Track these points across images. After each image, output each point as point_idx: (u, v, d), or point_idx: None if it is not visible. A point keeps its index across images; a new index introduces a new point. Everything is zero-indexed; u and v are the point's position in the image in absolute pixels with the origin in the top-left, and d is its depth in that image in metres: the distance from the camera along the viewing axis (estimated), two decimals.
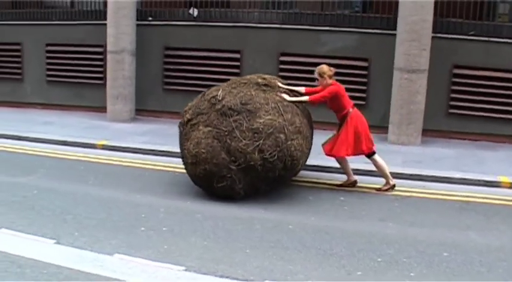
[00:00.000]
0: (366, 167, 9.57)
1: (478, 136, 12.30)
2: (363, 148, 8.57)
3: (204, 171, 7.89)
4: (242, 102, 7.94)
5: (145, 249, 6.12)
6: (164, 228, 6.81)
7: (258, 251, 6.18)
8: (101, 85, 15.06)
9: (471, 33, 12.05)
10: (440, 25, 12.04)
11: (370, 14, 12.95)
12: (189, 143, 8.10)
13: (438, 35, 11.93)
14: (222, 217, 7.31)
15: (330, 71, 8.61)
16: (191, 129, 8.18)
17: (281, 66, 13.19)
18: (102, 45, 14.81)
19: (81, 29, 15.26)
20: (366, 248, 6.34)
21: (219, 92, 8.20)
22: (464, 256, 6.17)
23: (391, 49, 12.01)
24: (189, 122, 8.27)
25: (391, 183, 8.75)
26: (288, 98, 8.34)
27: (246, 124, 7.77)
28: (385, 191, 8.70)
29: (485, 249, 6.41)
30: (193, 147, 7.96)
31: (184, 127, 8.37)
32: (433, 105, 12.14)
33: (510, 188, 9.03)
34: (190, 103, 8.58)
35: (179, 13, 14.34)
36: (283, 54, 13.22)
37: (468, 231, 7.05)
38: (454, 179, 9.32)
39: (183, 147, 8.32)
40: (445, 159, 10.61)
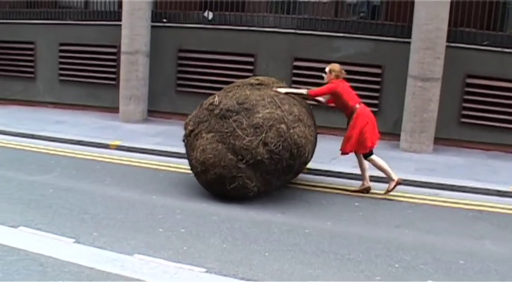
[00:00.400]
0: (379, 173, 9.63)
1: (490, 146, 12.32)
2: (367, 145, 8.78)
3: (214, 175, 7.96)
4: (239, 102, 8.07)
5: (164, 250, 6.17)
6: (182, 230, 6.86)
7: (276, 254, 6.22)
8: (113, 85, 15.13)
9: (485, 43, 12.09)
10: (454, 34, 12.08)
11: (385, 21, 12.98)
12: (195, 152, 8.20)
13: (452, 45, 11.97)
14: (238, 220, 7.37)
15: (340, 72, 8.86)
16: (195, 138, 8.30)
17: (294, 71, 13.24)
18: (115, 46, 14.88)
19: (94, 29, 15.33)
20: (383, 254, 6.40)
21: (216, 98, 8.33)
22: (480, 264, 6.22)
23: (405, 57, 12.06)
24: (191, 132, 8.41)
25: (395, 179, 8.77)
26: (283, 90, 8.55)
27: (246, 122, 7.88)
28: (393, 189, 8.79)
29: (501, 258, 6.46)
30: (200, 154, 8.06)
31: (188, 138, 8.52)
32: (445, 113, 12.18)
33: None
34: (190, 115, 8.73)
35: (194, 16, 14.40)
36: (297, 59, 13.27)
37: (483, 240, 7.09)
38: (467, 187, 9.34)
39: (190, 157, 8.43)
40: (458, 168, 10.63)
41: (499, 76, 12.07)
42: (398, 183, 8.75)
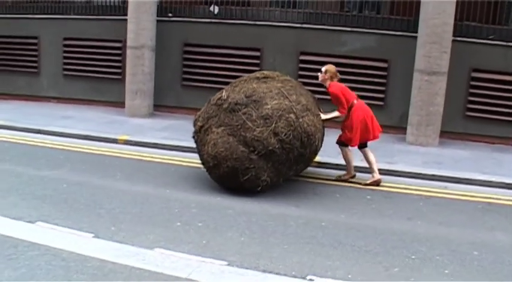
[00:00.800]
0: (389, 167, 9.76)
1: (495, 139, 12.46)
2: (369, 137, 9.04)
3: (227, 168, 8.02)
4: (247, 95, 8.15)
5: (184, 243, 6.22)
6: (199, 224, 6.91)
7: (295, 247, 6.29)
8: (118, 80, 15.17)
9: (490, 37, 12.17)
10: (460, 28, 12.17)
11: (391, 15, 13.04)
12: (206, 147, 8.26)
13: (458, 39, 12.06)
14: (254, 213, 7.43)
15: (335, 74, 8.97)
16: (205, 134, 8.37)
17: (301, 65, 13.32)
18: (120, 41, 14.91)
19: (99, 23, 15.36)
20: (399, 246, 6.47)
21: (223, 93, 8.41)
22: (494, 255, 6.31)
23: (411, 51, 12.14)
24: (201, 128, 8.49)
25: (352, 173, 9.27)
26: (323, 116, 8.73)
27: (255, 113, 7.96)
28: (346, 180, 9.23)
29: None
30: (211, 149, 8.12)
31: (198, 134, 8.59)
32: (451, 107, 12.28)
33: None
34: (199, 112, 8.80)
35: (199, 10, 14.44)
36: (303, 54, 13.33)
37: (494, 231, 7.19)
38: (475, 180, 9.45)
39: (202, 153, 8.49)
40: (464, 161, 10.74)
41: (504, 70, 12.20)
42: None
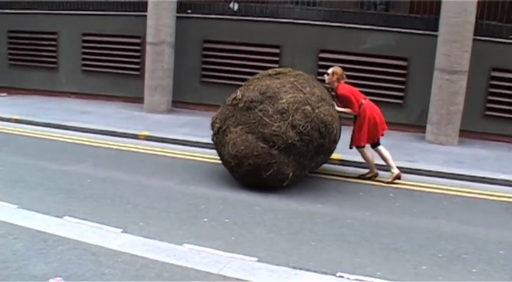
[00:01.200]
0: (411, 165, 9.78)
1: None
2: (378, 135, 9.09)
3: (249, 166, 8.05)
4: (261, 92, 8.23)
5: (213, 240, 6.25)
6: (226, 220, 6.95)
7: (323, 244, 6.33)
8: (137, 76, 15.23)
9: (511, 36, 12.14)
10: (480, 27, 12.13)
11: (411, 14, 13.03)
12: (226, 147, 8.30)
13: (478, 38, 12.02)
14: (280, 210, 7.46)
15: (342, 76, 9.00)
16: (224, 134, 8.42)
17: (320, 63, 13.29)
18: (139, 37, 14.97)
19: (118, 19, 15.43)
20: (426, 244, 6.50)
21: (238, 93, 8.47)
22: None
23: (431, 49, 12.14)
24: (219, 129, 8.54)
25: (375, 172, 9.28)
26: (338, 109, 8.79)
27: (271, 109, 8.02)
28: (369, 178, 9.29)
29: None
30: (232, 148, 8.16)
31: (217, 136, 8.63)
32: (470, 106, 12.26)
33: None
34: (215, 114, 8.87)
35: (219, 7, 14.46)
36: (323, 51, 13.33)
37: None
38: (498, 180, 9.46)
39: (222, 154, 8.52)
40: (485, 160, 10.75)
41: None
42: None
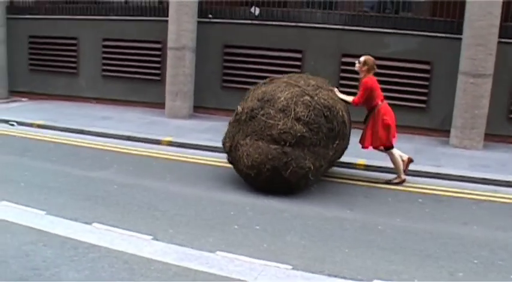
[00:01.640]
0: (437, 170, 9.72)
1: None
2: (391, 139, 8.99)
3: (268, 171, 8.07)
4: (259, 99, 8.39)
5: (245, 247, 6.20)
6: (257, 227, 6.90)
7: (356, 251, 6.26)
8: (157, 81, 15.25)
9: None
10: (504, 29, 12.03)
11: (434, 17, 12.94)
12: (242, 161, 8.34)
13: (502, 40, 11.91)
14: (309, 216, 7.40)
15: (373, 67, 9.03)
16: (236, 150, 8.49)
17: (342, 67, 13.26)
18: (160, 42, 14.98)
19: (138, 24, 15.46)
20: (460, 250, 6.43)
21: (238, 108, 8.69)
22: None
23: (454, 53, 12.05)
24: (231, 147, 8.62)
25: (402, 178, 9.16)
26: (338, 94, 8.96)
27: (272, 110, 8.15)
28: (396, 184, 9.14)
29: None
30: (247, 160, 8.21)
31: (231, 154, 8.70)
32: (494, 109, 12.14)
33: None
34: (224, 135, 8.98)
35: (240, 12, 14.45)
36: (345, 56, 13.26)
37: None
38: None
39: (240, 168, 8.53)
40: (511, 164, 10.63)
41: None
42: (402, 182, 9.12)
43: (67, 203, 7.47)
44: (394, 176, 9.27)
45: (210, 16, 14.59)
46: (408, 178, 9.28)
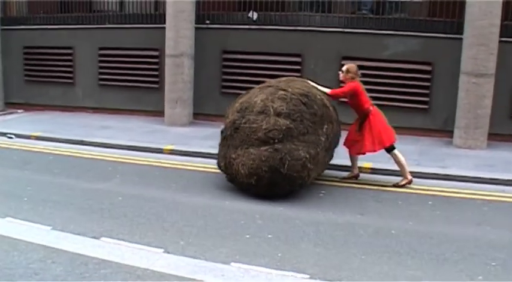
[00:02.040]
0: (443, 171, 9.66)
1: None
2: (385, 142, 8.98)
3: (266, 173, 8.07)
4: (237, 111, 8.64)
5: (259, 257, 6.07)
6: (269, 236, 6.77)
7: (372, 257, 6.17)
8: (155, 89, 15.16)
9: None
10: (505, 29, 11.97)
11: (434, 18, 12.89)
12: (239, 172, 8.36)
13: (503, 39, 11.87)
14: (321, 223, 7.29)
15: (356, 74, 9.01)
16: (231, 166, 8.53)
17: None
18: (157, 49, 14.88)
19: (134, 32, 15.37)
20: (476, 253, 6.34)
21: (221, 127, 9.08)
22: None
23: (455, 53, 12.01)
24: (226, 166, 8.70)
25: (409, 178, 9.12)
26: (311, 83, 9.07)
27: (252, 116, 8.34)
28: (403, 186, 9.09)
29: None
30: (243, 170, 8.26)
31: (228, 172, 8.75)
32: (496, 109, 12.08)
33: None
34: (217, 157, 9.07)
35: (237, 17, 14.39)
36: (345, 58, 13.12)
37: None
38: None
39: (241, 181, 8.49)
40: None
41: None
42: (409, 183, 9.09)
43: (73, 217, 7.31)
44: (400, 178, 9.19)
45: (208, 22, 14.50)
46: (416, 180, 9.22)
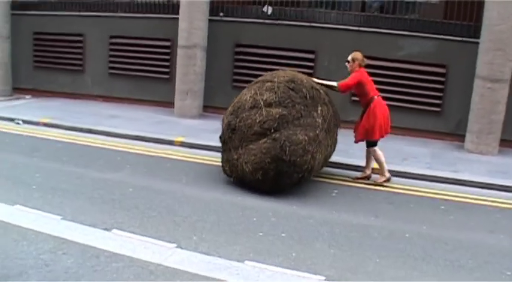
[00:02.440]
0: (456, 176, 9.60)
1: None
2: (375, 136, 9.04)
3: (270, 164, 8.10)
4: (231, 113, 8.76)
5: (274, 256, 6.01)
6: (283, 234, 6.71)
7: (388, 261, 6.12)
8: (165, 80, 15.08)
9: None
10: None
11: (450, 20, 12.79)
12: (245, 172, 8.41)
13: None
14: (335, 223, 7.24)
15: (362, 60, 9.24)
16: (236, 168, 8.61)
17: None
18: (169, 40, 14.79)
19: (146, 22, 15.28)
20: (491, 260, 6.30)
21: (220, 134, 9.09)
22: None
23: (471, 57, 11.93)
24: (231, 169, 8.74)
25: (387, 176, 9.18)
26: (316, 80, 9.17)
27: (245, 113, 8.46)
28: (381, 184, 9.16)
29: None
30: (249, 168, 8.31)
31: (233, 175, 8.79)
32: (509, 115, 12.00)
33: None
34: (221, 162, 9.12)
35: (252, 10, 14.30)
36: None
37: None
38: None
39: (249, 180, 8.48)
40: None
41: None
42: (388, 180, 9.14)
43: (83, 207, 7.23)
44: (383, 177, 9.26)
45: (222, 14, 14.42)
46: (427, 183, 9.22)
